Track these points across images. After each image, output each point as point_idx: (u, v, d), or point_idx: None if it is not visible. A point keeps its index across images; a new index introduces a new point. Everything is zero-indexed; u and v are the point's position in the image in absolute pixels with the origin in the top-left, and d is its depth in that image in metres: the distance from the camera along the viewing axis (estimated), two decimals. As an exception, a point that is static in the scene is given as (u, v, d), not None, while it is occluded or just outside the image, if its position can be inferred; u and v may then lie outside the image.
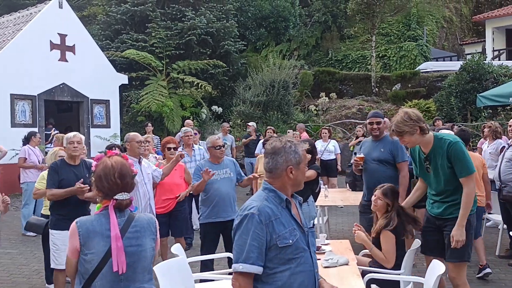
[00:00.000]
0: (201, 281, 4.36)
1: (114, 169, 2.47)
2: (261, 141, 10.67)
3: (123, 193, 2.47)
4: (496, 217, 6.80)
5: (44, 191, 4.94)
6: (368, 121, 5.35)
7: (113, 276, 2.41)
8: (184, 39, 16.46)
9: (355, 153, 7.56)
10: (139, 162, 5.09)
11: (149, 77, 15.93)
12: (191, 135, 7.35)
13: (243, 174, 5.57)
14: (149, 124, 11.85)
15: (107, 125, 14.10)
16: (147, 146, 6.71)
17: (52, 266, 4.91)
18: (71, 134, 4.95)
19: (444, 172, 3.80)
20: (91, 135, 13.66)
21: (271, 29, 21.27)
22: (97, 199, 2.63)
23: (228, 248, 5.16)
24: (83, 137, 5.06)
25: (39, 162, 8.57)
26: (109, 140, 13.26)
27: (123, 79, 14.75)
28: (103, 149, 9.99)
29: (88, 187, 4.76)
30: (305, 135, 11.51)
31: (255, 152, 10.64)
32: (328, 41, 22.40)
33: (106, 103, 14.10)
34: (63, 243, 4.76)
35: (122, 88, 15.14)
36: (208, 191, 5.20)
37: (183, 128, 7.55)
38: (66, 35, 13.00)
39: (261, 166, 6.72)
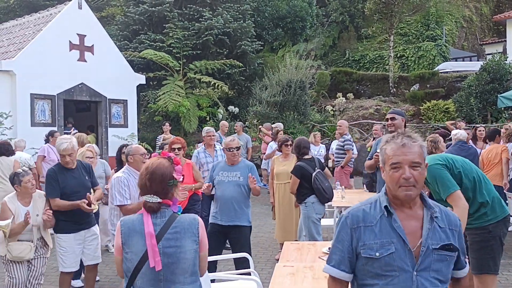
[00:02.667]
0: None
1: (147, 171, 2.52)
2: (270, 143, 10.56)
3: (152, 195, 2.48)
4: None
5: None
6: (386, 117, 5.40)
7: (152, 276, 2.44)
8: (201, 39, 16.52)
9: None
10: None
11: (166, 77, 16.02)
12: (213, 135, 7.31)
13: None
14: (167, 124, 11.87)
15: (125, 125, 14.19)
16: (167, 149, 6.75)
17: (60, 269, 4.87)
18: (63, 146, 4.68)
19: (440, 196, 3.74)
20: (109, 134, 13.77)
21: (288, 29, 21.21)
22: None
23: (234, 250, 5.15)
24: (75, 145, 4.80)
25: (58, 160, 8.69)
26: (126, 139, 13.37)
27: (141, 79, 14.85)
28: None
29: (89, 205, 4.70)
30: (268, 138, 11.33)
31: (266, 153, 10.40)
32: (345, 41, 22.30)
33: (124, 103, 14.20)
34: (69, 246, 4.78)
35: (140, 88, 15.25)
36: (216, 192, 5.22)
37: (205, 128, 7.51)
38: (85, 35, 13.13)
39: (277, 167, 6.69)
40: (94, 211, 4.84)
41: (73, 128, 12.56)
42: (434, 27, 21.55)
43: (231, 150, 5.21)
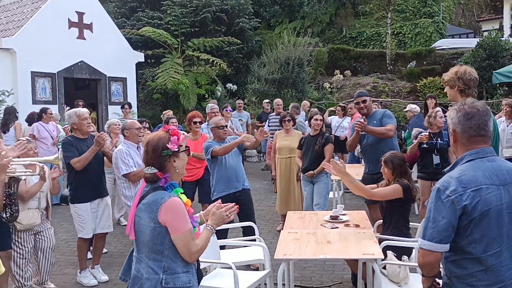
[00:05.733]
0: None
1: (145, 143, 2.61)
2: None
3: (150, 167, 2.53)
4: None
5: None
6: (355, 101, 5.62)
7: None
8: (199, 17, 16.52)
9: None
10: (138, 148, 5.17)
11: (165, 54, 16.05)
12: (217, 111, 7.51)
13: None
14: (126, 106, 11.17)
15: (125, 102, 14.29)
16: (176, 122, 7.00)
17: (79, 235, 5.20)
18: (82, 111, 5.07)
19: None
20: (109, 112, 13.91)
21: (285, 6, 21.14)
22: None
23: (242, 218, 5.36)
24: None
25: (52, 137, 8.85)
26: (126, 117, 13.50)
27: (140, 56, 14.92)
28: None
29: (107, 134, 5.04)
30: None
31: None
32: (342, 18, 22.25)
33: (123, 80, 14.30)
34: (86, 213, 5.09)
35: (137, 66, 15.31)
36: (220, 167, 5.40)
37: (209, 105, 7.76)
38: (84, 13, 13.15)
39: (279, 142, 6.89)
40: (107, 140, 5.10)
41: (66, 106, 12.64)
42: (432, 4, 21.50)
43: (222, 128, 5.51)
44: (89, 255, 5.79)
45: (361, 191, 4.28)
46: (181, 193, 2.58)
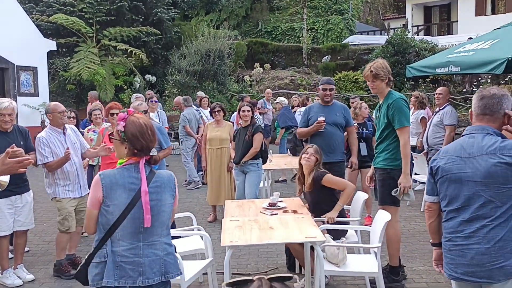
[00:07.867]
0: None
1: (148, 127, 2.55)
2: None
3: (153, 150, 2.59)
4: (421, 178, 7.56)
5: None
6: (321, 87, 5.58)
7: (133, 228, 2.49)
8: (115, 5, 15.92)
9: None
10: (64, 133, 4.97)
11: (79, 43, 15.28)
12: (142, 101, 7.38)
13: (163, 145, 5.54)
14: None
15: (35, 94, 13.45)
16: (99, 114, 6.65)
17: None
18: (3, 105, 4.72)
19: (383, 121, 4.28)
20: (18, 103, 12.95)
21: (204, -2, 21.07)
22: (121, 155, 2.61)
23: None
24: (15, 106, 4.89)
25: None
26: (38, 109, 12.74)
27: (52, 45, 14.07)
28: (31, 118, 9.52)
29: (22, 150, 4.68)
30: (97, 103, 11.43)
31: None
32: (258, 12, 22.60)
33: (33, 70, 13.41)
34: (0, 210, 4.76)
35: (48, 55, 14.46)
36: None
37: (135, 95, 7.55)
38: (-13, -4, 12.16)
39: (210, 133, 6.89)
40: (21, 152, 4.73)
41: None
42: (342, 1, 22.52)
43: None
44: (10, 255, 5.44)
45: (349, 197, 4.59)
46: None
